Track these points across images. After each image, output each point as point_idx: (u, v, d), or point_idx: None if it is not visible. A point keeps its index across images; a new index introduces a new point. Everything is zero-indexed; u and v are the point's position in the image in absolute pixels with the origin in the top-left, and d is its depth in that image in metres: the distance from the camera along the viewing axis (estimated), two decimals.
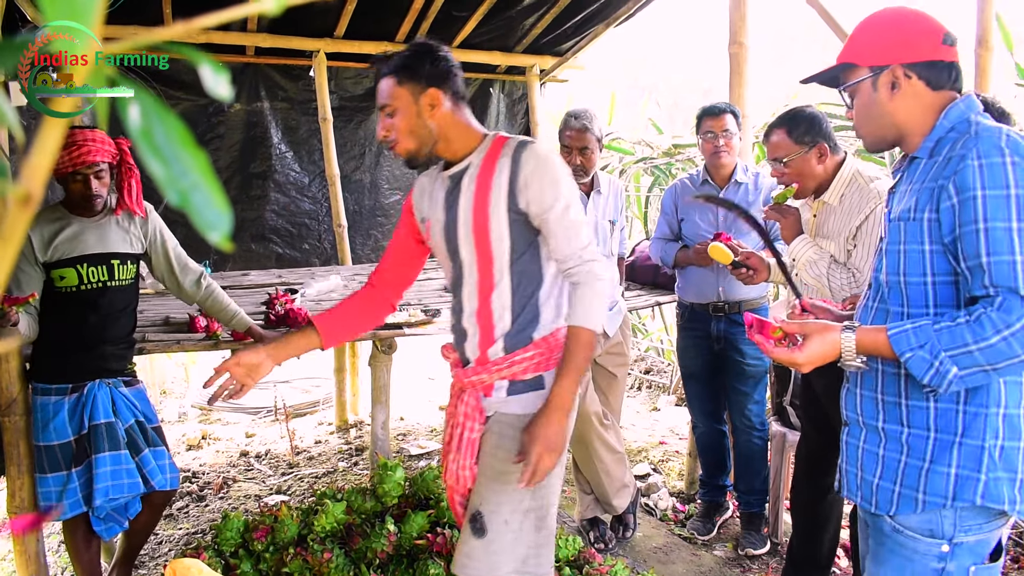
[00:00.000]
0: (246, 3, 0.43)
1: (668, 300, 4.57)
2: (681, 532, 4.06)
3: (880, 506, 1.80)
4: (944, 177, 1.64)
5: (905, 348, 1.60)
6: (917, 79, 1.75)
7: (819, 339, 1.72)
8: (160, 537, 4.07)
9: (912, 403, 1.74)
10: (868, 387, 1.85)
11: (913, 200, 1.73)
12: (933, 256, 1.69)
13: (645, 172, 7.27)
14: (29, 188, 0.38)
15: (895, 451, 1.78)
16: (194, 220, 0.40)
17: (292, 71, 5.84)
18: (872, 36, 1.81)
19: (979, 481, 1.67)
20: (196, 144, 0.40)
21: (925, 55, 1.75)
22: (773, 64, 14.91)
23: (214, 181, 0.41)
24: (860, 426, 1.88)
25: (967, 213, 1.58)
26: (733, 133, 3.64)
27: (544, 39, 6.17)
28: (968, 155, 1.60)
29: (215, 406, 6.52)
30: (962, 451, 1.68)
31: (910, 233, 1.72)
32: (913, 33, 1.76)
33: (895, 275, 1.77)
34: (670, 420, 5.99)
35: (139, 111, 0.39)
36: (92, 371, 2.96)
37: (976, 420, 1.67)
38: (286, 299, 3.81)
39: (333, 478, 4.92)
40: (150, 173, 0.39)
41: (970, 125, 1.69)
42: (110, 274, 2.95)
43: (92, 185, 2.82)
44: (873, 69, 1.79)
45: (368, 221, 6.27)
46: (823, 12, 3.86)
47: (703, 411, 4.04)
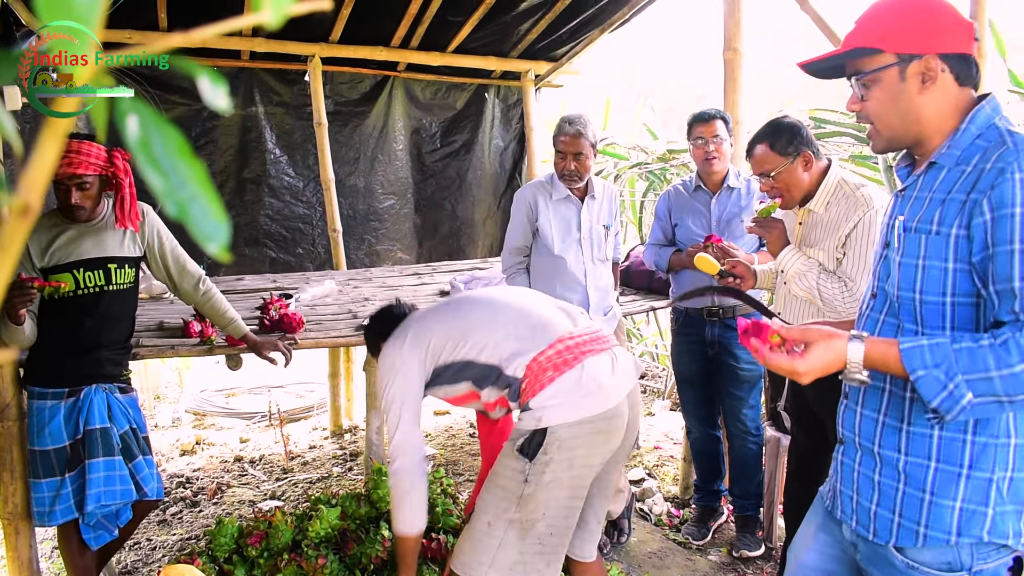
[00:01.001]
0: (243, 14, 0.43)
1: (663, 305, 4.58)
2: (676, 537, 4.06)
3: (879, 535, 1.69)
4: (978, 191, 1.50)
5: (918, 365, 1.47)
6: (949, 72, 1.60)
7: (823, 347, 1.56)
8: (154, 543, 4.06)
9: (914, 430, 1.63)
10: (870, 407, 1.73)
11: (936, 212, 1.58)
12: (956, 275, 1.55)
13: (640, 177, 7.28)
14: (27, 199, 0.38)
15: (891, 478, 1.67)
16: (192, 231, 0.40)
17: (287, 75, 5.84)
18: (903, 20, 1.62)
19: (986, 516, 1.58)
20: (193, 155, 0.40)
21: (961, 47, 1.60)
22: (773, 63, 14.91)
23: (212, 192, 0.41)
24: (856, 447, 1.77)
25: (1002, 232, 1.45)
26: (723, 139, 3.65)
27: (539, 44, 6.18)
28: (1008, 169, 1.47)
29: (208, 410, 6.51)
30: (969, 484, 1.58)
31: (932, 248, 1.58)
32: (951, 22, 1.60)
33: (910, 291, 1.63)
34: (665, 425, 5.99)
35: (137, 122, 0.39)
36: (89, 376, 2.94)
37: (985, 451, 1.57)
38: (280, 304, 3.81)
39: (327, 483, 4.92)
40: (148, 184, 0.39)
41: (1002, 134, 1.56)
42: (107, 278, 2.94)
43: (72, 197, 2.77)
44: (902, 57, 1.60)
45: (363, 226, 6.26)
46: (816, 18, 3.87)
47: (697, 416, 4.05)
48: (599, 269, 3.69)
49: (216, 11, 4.82)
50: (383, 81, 6.22)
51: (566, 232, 3.64)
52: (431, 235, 6.62)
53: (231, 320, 3.28)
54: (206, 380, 7.44)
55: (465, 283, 4.78)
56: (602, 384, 2.39)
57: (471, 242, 6.77)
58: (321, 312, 4.16)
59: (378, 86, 6.22)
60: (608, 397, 2.39)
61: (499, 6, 5.39)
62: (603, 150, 7.47)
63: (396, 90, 6.28)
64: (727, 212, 3.75)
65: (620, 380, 2.46)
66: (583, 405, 2.35)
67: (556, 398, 2.36)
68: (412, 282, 5.17)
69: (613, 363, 2.48)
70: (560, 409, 2.35)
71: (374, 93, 6.21)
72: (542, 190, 3.68)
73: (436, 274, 5.50)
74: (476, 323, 2.59)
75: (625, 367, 2.52)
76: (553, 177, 3.68)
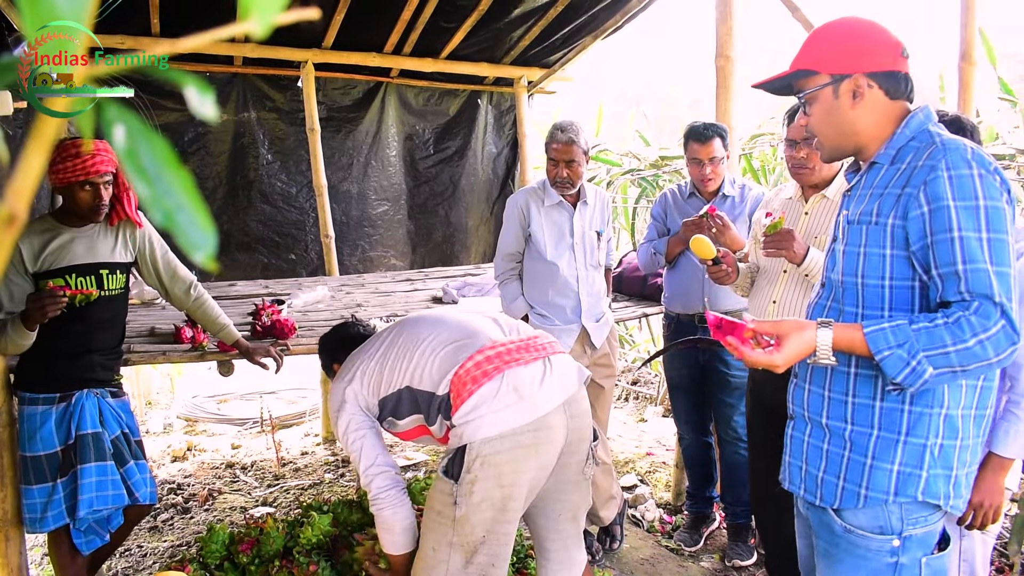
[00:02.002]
0: (232, 23, 0.43)
1: (655, 311, 4.58)
2: (668, 543, 4.06)
3: (824, 499, 1.87)
4: (912, 186, 1.69)
5: (883, 347, 1.63)
6: (878, 88, 1.80)
7: (796, 337, 1.72)
8: (145, 550, 4.04)
9: (858, 401, 1.81)
10: (816, 383, 1.90)
11: (875, 205, 1.78)
12: (894, 260, 1.74)
13: (632, 184, 7.30)
14: (14, 208, 0.38)
15: (839, 447, 1.84)
16: (179, 240, 0.40)
17: (280, 81, 5.84)
18: (834, 44, 1.83)
19: (921, 478, 1.74)
20: (180, 163, 0.40)
21: (887, 65, 1.79)
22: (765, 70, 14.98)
23: (199, 201, 0.41)
24: (805, 420, 1.94)
25: (940, 222, 1.64)
26: (720, 158, 3.65)
27: (532, 51, 6.19)
28: (938, 166, 1.65)
29: (200, 416, 6.50)
30: (906, 449, 1.75)
31: (871, 237, 1.77)
32: (876, 44, 1.80)
33: (852, 276, 1.82)
34: (657, 431, 5.99)
35: (124, 131, 0.39)
36: (80, 380, 2.94)
37: (921, 420, 1.74)
38: (273, 310, 3.80)
39: (319, 490, 4.90)
40: (135, 192, 0.39)
41: (932, 136, 1.74)
42: (99, 284, 2.94)
43: (102, 194, 2.83)
44: (834, 77, 1.82)
45: (355, 232, 6.26)
46: (808, 25, 3.89)
47: (689, 423, 4.05)
48: (592, 275, 3.70)
49: (210, 16, 4.84)
50: (376, 87, 6.23)
51: (559, 238, 3.64)
52: (424, 241, 6.62)
53: (223, 326, 3.27)
54: (198, 386, 7.42)
55: (458, 289, 4.78)
56: (524, 394, 2.26)
57: (464, 248, 6.77)
58: (314, 318, 4.15)
59: (371, 92, 6.22)
60: (533, 407, 2.26)
61: (492, 13, 5.40)
62: (596, 156, 7.49)
63: (389, 96, 6.28)
64: None
65: (551, 389, 2.32)
66: (502, 417, 2.22)
67: (475, 411, 2.24)
68: (405, 288, 5.16)
69: (545, 372, 2.35)
70: (478, 423, 2.23)
71: (367, 99, 6.21)
72: (534, 196, 3.68)
73: (429, 280, 5.49)
74: (405, 347, 2.49)
75: (563, 375, 2.38)
76: (545, 183, 3.68)
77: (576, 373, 2.45)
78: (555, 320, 3.61)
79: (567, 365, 2.45)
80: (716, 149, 3.62)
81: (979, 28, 3.70)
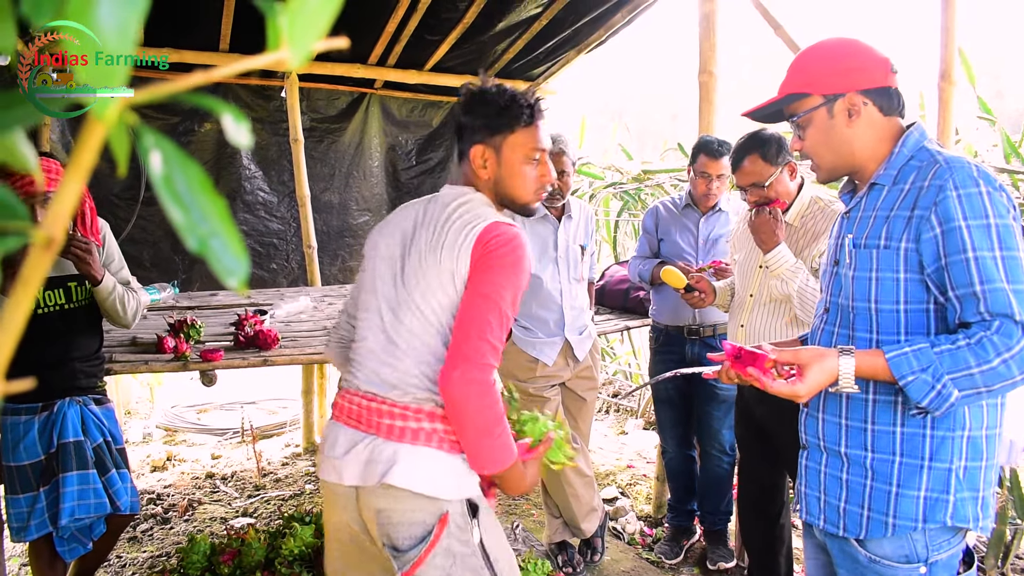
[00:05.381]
0: (263, 53, 0.44)
1: (637, 324, 4.61)
2: (649, 556, 4.07)
3: (848, 529, 1.83)
4: (921, 207, 1.67)
5: (907, 371, 1.60)
6: (872, 105, 1.80)
7: (818, 367, 1.68)
8: (124, 560, 4.00)
9: (878, 428, 1.77)
10: (831, 412, 1.87)
11: (883, 228, 1.75)
12: (908, 284, 1.71)
13: (615, 197, 7.33)
14: (51, 231, 0.39)
15: (859, 475, 1.81)
16: (212, 266, 0.41)
17: (264, 91, 5.84)
18: (825, 64, 1.82)
19: (948, 503, 1.71)
20: (215, 191, 0.41)
21: (879, 81, 1.79)
22: (748, 84, 15.12)
23: (232, 227, 0.42)
24: (821, 450, 1.90)
25: (953, 243, 1.62)
26: (727, 176, 3.70)
27: (516, 64, 6.22)
28: (946, 186, 1.64)
29: (180, 426, 6.45)
30: (931, 474, 1.72)
31: (883, 261, 1.74)
32: (866, 61, 1.80)
33: (864, 301, 1.78)
34: (638, 444, 6.02)
35: (161, 158, 0.40)
36: (62, 389, 2.92)
37: (944, 443, 1.71)
38: (255, 320, 3.79)
39: (300, 500, 4.88)
40: (170, 219, 0.40)
41: (932, 154, 1.73)
42: (67, 296, 2.92)
43: (38, 217, 2.75)
44: (827, 97, 1.81)
45: (336, 242, 6.26)
46: (790, 42, 3.94)
47: (675, 436, 4.06)
48: (575, 288, 3.72)
49: (195, 23, 4.83)
50: (360, 98, 6.24)
51: (543, 251, 3.66)
52: None
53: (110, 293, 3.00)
54: (178, 396, 7.37)
55: None
56: (325, 454, 1.97)
57: None
58: (296, 328, 4.14)
59: (355, 103, 6.23)
60: (324, 467, 1.97)
61: (476, 26, 5.43)
62: (579, 169, 7.51)
63: (372, 107, 6.30)
64: (714, 232, 3.84)
65: (340, 466, 1.90)
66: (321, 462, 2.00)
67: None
68: None
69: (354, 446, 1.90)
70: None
71: (351, 110, 6.22)
72: None
73: None
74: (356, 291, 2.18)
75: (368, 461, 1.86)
76: None
77: (379, 470, 1.84)
78: (538, 333, 3.63)
79: (384, 454, 1.85)
80: (725, 167, 3.66)
81: (959, 47, 3.76)
